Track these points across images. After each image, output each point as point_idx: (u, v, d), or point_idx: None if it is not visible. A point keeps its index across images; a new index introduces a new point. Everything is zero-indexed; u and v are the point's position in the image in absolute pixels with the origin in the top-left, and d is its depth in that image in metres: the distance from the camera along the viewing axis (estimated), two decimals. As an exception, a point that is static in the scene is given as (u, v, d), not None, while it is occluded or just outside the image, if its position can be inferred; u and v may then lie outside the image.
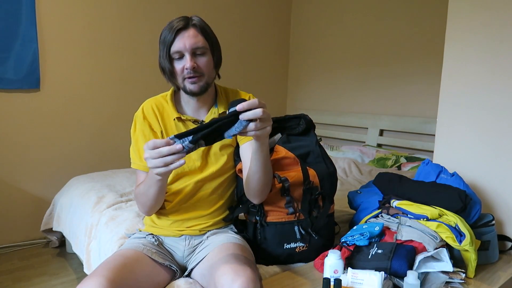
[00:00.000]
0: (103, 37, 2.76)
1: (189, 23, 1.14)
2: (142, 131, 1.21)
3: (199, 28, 1.15)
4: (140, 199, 1.16)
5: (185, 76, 1.15)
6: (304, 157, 1.37)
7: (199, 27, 1.15)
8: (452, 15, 1.62)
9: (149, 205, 1.16)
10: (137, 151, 1.21)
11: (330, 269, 1.08)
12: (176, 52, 1.13)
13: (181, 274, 1.19)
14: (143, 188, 1.12)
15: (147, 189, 1.10)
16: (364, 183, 2.04)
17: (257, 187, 1.15)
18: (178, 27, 1.12)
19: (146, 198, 1.13)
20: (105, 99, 2.83)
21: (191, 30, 1.13)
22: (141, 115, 1.23)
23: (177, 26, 1.12)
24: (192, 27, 1.14)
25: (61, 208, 2.25)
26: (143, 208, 1.19)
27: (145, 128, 1.21)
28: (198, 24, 1.15)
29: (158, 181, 1.04)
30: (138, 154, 1.21)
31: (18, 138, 2.50)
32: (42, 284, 2.10)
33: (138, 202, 1.19)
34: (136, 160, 1.22)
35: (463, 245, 1.18)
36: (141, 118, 1.22)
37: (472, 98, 1.59)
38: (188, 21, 1.15)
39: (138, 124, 1.23)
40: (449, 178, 1.46)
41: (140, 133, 1.22)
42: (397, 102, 3.05)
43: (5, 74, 2.38)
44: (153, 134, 1.21)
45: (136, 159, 1.22)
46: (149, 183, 1.08)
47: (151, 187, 1.08)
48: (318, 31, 3.63)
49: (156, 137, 1.21)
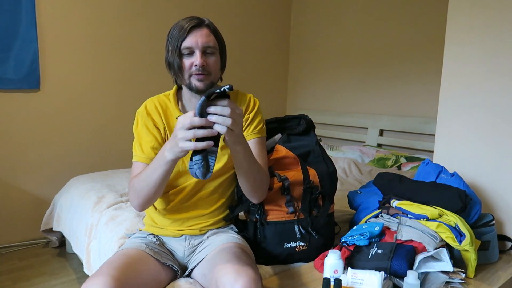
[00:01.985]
0: (103, 37, 2.76)
1: (202, 22, 1.18)
2: (146, 125, 1.21)
3: (212, 29, 1.19)
4: (139, 187, 1.10)
5: (192, 72, 1.16)
6: (305, 157, 1.38)
7: (211, 28, 1.19)
8: (452, 15, 1.62)
9: (146, 194, 1.09)
10: (139, 144, 1.20)
11: (330, 269, 1.08)
12: (187, 48, 1.15)
13: (181, 274, 1.19)
14: (145, 174, 1.07)
15: (151, 173, 1.05)
16: (364, 183, 2.04)
17: (248, 188, 1.16)
18: (192, 24, 1.15)
19: (145, 184, 1.07)
20: (105, 99, 2.83)
21: (204, 29, 1.16)
22: (144, 111, 1.23)
23: (191, 24, 1.15)
24: (206, 27, 1.17)
25: (61, 208, 2.26)
26: (137, 198, 1.12)
27: (148, 123, 1.21)
28: (211, 25, 1.19)
29: (166, 163, 1.00)
30: (141, 148, 1.19)
31: (18, 138, 2.50)
32: (42, 284, 2.10)
33: (133, 191, 1.12)
34: (138, 152, 1.19)
35: (463, 245, 1.18)
36: (144, 113, 1.22)
37: (472, 98, 1.59)
38: (202, 21, 1.18)
39: (141, 120, 1.23)
40: (449, 178, 1.47)
41: (144, 127, 1.21)
42: (397, 102, 3.05)
43: (5, 74, 2.38)
44: (156, 130, 1.21)
45: (138, 152, 1.20)
46: (155, 165, 1.03)
47: (156, 171, 1.03)
48: (318, 31, 3.63)
49: (159, 133, 1.21)
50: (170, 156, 0.97)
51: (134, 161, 1.20)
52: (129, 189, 1.15)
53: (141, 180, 1.09)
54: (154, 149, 1.18)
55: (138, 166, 1.18)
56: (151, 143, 1.18)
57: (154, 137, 1.20)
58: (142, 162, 1.18)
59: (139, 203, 1.13)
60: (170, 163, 1.00)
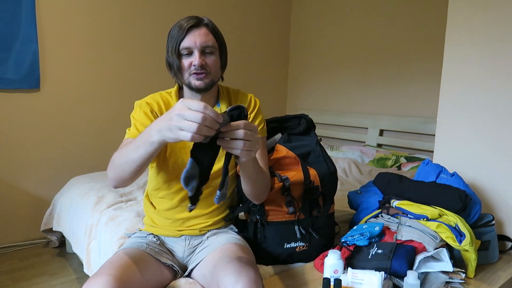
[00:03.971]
0: (103, 37, 2.76)
1: (201, 22, 1.16)
2: (144, 112, 1.18)
3: (211, 28, 1.17)
4: (118, 161, 1.02)
5: (191, 71, 1.15)
6: (305, 157, 1.38)
7: (210, 27, 1.17)
8: (452, 15, 1.62)
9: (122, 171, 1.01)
10: (134, 125, 1.17)
11: (330, 269, 1.08)
12: (186, 48, 1.14)
13: (182, 274, 1.19)
14: (126, 149, 0.99)
15: (132, 150, 0.96)
16: (364, 183, 2.04)
17: (251, 192, 1.16)
18: (190, 24, 1.14)
19: (124, 161, 0.99)
20: (105, 99, 2.83)
21: (202, 28, 1.15)
22: (144, 101, 1.21)
23: (189, 24, 1.14)
24: (204, 26, 1.16)
25: (61, 208, 2.26)
26: (113, 173, 1.04)
27: (147, 110, 1.18)
28: (210, 24, 1.18)
29: (151, 143, 0.89)
30: (135, 127, 1.15)
31: (18, 138, 2.50)
32: (42, 284, 2.10)
33: (112, 165, 1.04)
34: (132, 130, 1.15)
35: (463, 245, 1.18)
36: (144, 103, 1.20)
37: (472, 98, 1.59)
38: (200, 20, 1.17)
39: (139, 108, 1.20)
40: (449, 178, 1.47)
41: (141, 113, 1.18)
42: (397, 102, 3.05)
43: (5, 74, 2.38)
44: (154, 117, 1.18)
45: (132, 130, 1.16)
46: (138, 143, 0.94)
47: (139, 149, 0.93)
48: (318, 31, 3.63)
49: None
50: (157, 137, 0.86)
51: (125, 138, 1.15)
52: (111, 161, 1.06)
53: (122, 155, 1.01)
54: None
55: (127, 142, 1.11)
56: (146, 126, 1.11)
57: (150, 120, 1.15)
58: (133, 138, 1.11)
59: (113, 177, 1.05)
60: (155, 145, 0.89)
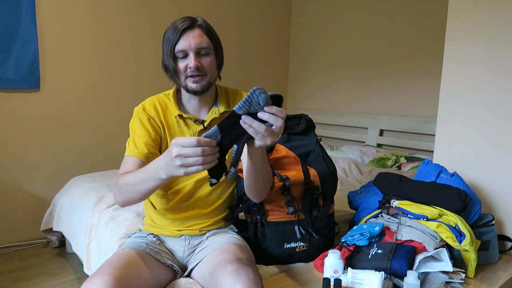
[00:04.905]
0: (103, 37, 2.76)
1: (194, 23, 1.15)
2: (140, 119, 1.20)
3: (204, 29, 1.16)
4: (125, 189, 1.06)
5: (187, 74, 1.15)
6: (305, 157, 1.38)
7: (204, 28, 1.16)
8: (452, 14, 1.62)
9: (133, 198, 1.06)
10: (132, 140, 1.18)
11: (330, 269, 1.08)
12: (181, 51, 1.14)
13: (181, 274, 1.19)
14: (134, 180, 1.03)
15: (141, 183, 1.01)
16: (364, 183, 2.04)
17: (255, 189, 1.14)
18: (184, 26, 1.13)
19: (133, 190, 1.03)
20: (105, 99, 2.83)
21: (196, 30, 1.14)
22: (141, 107, 1.22)
23: (183, 26, 1.13)
24: (198, 28, 1.15)
25: (61, 208, 2.25)
26: (122, 199, 1.08)
27: (143, 118, 1.20)
28: (203, 25, 1.16)
29: (159, 179, 0.95)
30: (134, 143, 1.17)
31: (18, 138, 2.50)
32: (42, 284, 2.10)
33: (120, 191, 1.07)
34: (131, 147, 1.17)
35: (463, 245, 1.18)
36: (140, 109, 1.22)
37: (472, 98, 1.59)
38: (194, 21, 1.16)
39: (136, 115, 1.22)
40: (449, 178, 1.47)
41: (138, 122, 1.20)
42: (397, 102, 3.05)
43: (5, 74, 2.38)
44: (150, 125, 1.19)
45: (131, 146, 1.17)
46: (146, 178, 0.99)
47: (147, 183, 0.99)
48: (318, 31, 3.63)
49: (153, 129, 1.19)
50: (166, 176, 0.92)
51: (126, 155, 1.17)
52: (115, 185, 1.10)
53: (129, 184, 1.04)
54: (147, 144, 1.16)
55: (129, 160, 1.15)
56: (144, 138, 1.16)
57: (147, 131, 1.18)
58: (133, 157, 1.14)
59: (122, 201, 1.10)
60: (164, 180, 0.95)
